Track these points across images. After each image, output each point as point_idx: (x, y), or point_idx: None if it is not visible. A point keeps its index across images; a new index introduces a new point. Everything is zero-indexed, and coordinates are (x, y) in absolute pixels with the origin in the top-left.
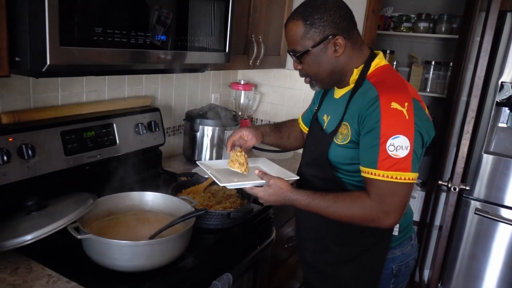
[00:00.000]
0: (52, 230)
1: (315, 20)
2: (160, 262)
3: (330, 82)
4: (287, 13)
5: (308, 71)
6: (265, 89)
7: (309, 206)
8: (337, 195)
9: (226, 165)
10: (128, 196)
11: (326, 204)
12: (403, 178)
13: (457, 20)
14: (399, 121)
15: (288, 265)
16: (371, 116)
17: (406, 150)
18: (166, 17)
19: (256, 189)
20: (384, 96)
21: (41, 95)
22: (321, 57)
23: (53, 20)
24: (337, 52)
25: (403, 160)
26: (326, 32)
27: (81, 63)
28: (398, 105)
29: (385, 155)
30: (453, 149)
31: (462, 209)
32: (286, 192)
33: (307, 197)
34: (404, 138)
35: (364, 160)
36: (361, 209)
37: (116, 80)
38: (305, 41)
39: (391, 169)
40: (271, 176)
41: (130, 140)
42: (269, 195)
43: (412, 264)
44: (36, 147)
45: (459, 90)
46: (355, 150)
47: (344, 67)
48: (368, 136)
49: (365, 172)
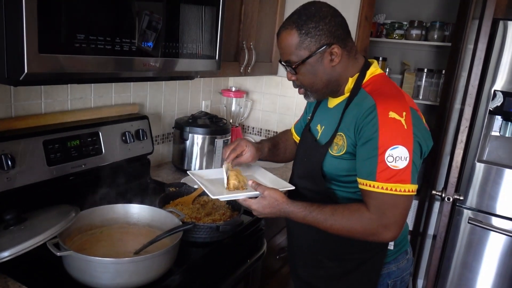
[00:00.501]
0: (31, 246)
1: (310, 29)
2: (146, 279)
3: (326, 92)
4: (279, 19)
5: (303, 82)
6: (256, 96)
7: (306, 219)
8: (335, 208)
9: (217, 174)
10: (112, 209)
11: (324, 217)
12: (402, 190)
13: (449, 28)
14: (398, 131)
15: (280, 276)
16: (368, 126)
17: (405, 161)
18: (157, 22)
19: (249, 201)
20: (381, 105)
21: (22, 103)
22: (317, 67)
23: (31, 25)
24: (333, 61)
25: (402, 172)
26: (322, 41)
27: (63, 71)
28: (396, 114)
29: (383, 166)
30: (446, 158)
31: (455, 218)
32: (282, 204)
33: (304, 209)
34: (403, 149)
35: (362, 171)
36: (359, 223)
37: (103, 87)
38: (300, 51)
39: (390, 181)
40: (265, 187)
41: (116, 149)
42: (263, 207)
43: (407, 279)
44: (17, 157)
45: (452, 98)
46: (351, 161)
47: (340, 76)
48: (365, 146)
49: (363, 184)
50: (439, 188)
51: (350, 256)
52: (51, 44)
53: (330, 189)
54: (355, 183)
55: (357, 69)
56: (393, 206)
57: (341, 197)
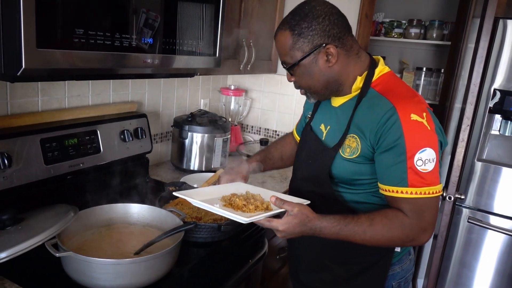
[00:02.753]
0: (29, 247)
1: (302, 29)
2: (146, 280)
3: (326, 93)
4: (279, 17)
5: (301, 83)
6: (255, 95)
7: (341, 234)
8: (371, 217)
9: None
10: (111, 209)
11: (362, 229)
12: (434, 192)
13: (448, 26)
14: (423, 133)
15: (280, 276)
16: (391, 131)
17: (433, 162)
18: (154, 20)
19: (276, 221)
20: (401, 108)
21: (19, 100)
22: (312, 68)
23: (28, 19)
24: (329, 62)
25: (432, 174)
26: (316, 42)
27: (61, 67)
28: (417, 116)
29: (414, 171)
30: (446, 157)
31: (455, 217)
32: (313, 220)
33: (338, 223)
34: (430, 151)
35: (388, 178)
36: (401, 230)
37: (101, 85)
38: (294, 52)
39: (422, 184)
40: (293, 203)
41: (115, 147)
42: (294, 227)
43: (410, 279)
44: (13, 156)
45: (452, 97)
46: (365, 165)
47: (340, 76)
48: (389, 153)
49: (392, 191)
50: None
51: (357, 259)
52: (49, 39)
53: (336, 191)
54: (365, 185)
55: (363, 67)
56: (428, 209)
57: (349, 200)
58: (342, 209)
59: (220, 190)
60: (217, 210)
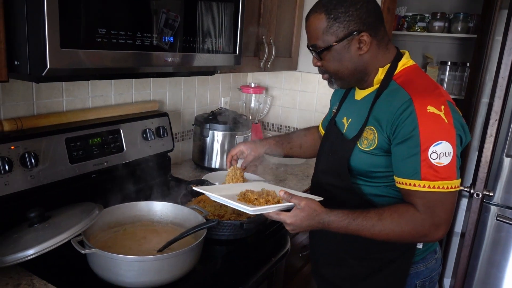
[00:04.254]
0: (56, 244)
1: (339, 14)
2: (170, 277)
3: (351, 81)
4: (298, 14)
5: (328, 68)
6: (276, 92)
7: (349, 228)
8: (380, 212)
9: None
10: (135, 206)
11: (370, 223)
12: (449, 186)
13: (473, 19)
14: (439, 126)
15: (303, 274)
16: (406, 122)
17: (449, 156)
18: (174, 20)
19: (284, 214)
20: (418, 99)
21: (44, 101)
22: (343, 54)
23: (52, 20)
24: (361, 49)
25: (447, 168)
26: (351, 28)
27: (84, 67)
28: (434, 108)
29: (428, 164)
30: (473, 153)
31: (483, 215)
32: (321, 214)
33: (346, 217)
34: (446, 144)
35: (403, 171)
36: (411, 225)
37: (123, 85)
38: (327, 36)
39: (437, 178)
40: (301, 197)
41: (137, 146)
42: (301, 220)
43: (436, 279)
44: (40, 155)
45: (479, 92)
46: (382, 157)
47: (367, 66)
48: (404, 145)
49: (405, 183)
50: (467, 184)
51: (377, 255)
52: (72, 39)
53: (355, 184)
54: (383, 178)
55: (388, 59)
56: (442, 204)
57: (367, 193)
58: (360, 202)
59: (238, 187)
60: (229, 202)
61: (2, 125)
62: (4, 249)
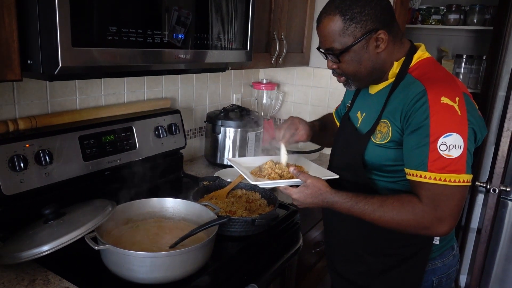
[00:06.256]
0: (70, 240)
1: (355, 14)
2: (182, 273)
3: (369, 80)
4: (310, 8)
5: (346, 70)
6: (288, 88)
7: (351, 210)
8: (384, 199)
9: (256, 162)
10: (148, 203)
11: (372, 208)
12: (457, 180)
13: (490, 11)
14: (451, 117)
15: (316, 271)
16: (418, 112)
17: (460, 149)
18: (186, 17)
19: (290, 189)
20: (432, 90)
21: (58, 99)
22: (362, 54)
23: (63, 19)
24: (379, 47)
25: (456, 161)
26: (368, 27)
27: (96, 65)
28: (448, 99)
29: (436, 155)
30: (490, 147)
31: (500, 210)
32: (325, 194)
33: (350, 199)
34: (457, 136)
35: (411, 161)
36: (412, 215)
37: (135, 82)
38: (344, 38)
39: (443, 171)
40: (308, 175)
41: (150, 143)
42: (305, 197)
43: (453, 276)
44: (54, 153)
45: (495, 85)
46: (396, 150)
47: (385, 63)
48: (414, 135)
49: (412, 174)
50: (483, 180)
51: (393, 251)
52: (83, 37)
53: (371, 179)
54: (399, 172)
55: (402, 53)
56: (447, 198)
57: (383, 188)
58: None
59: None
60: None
61: (17, 123)
62: (20, 245)
